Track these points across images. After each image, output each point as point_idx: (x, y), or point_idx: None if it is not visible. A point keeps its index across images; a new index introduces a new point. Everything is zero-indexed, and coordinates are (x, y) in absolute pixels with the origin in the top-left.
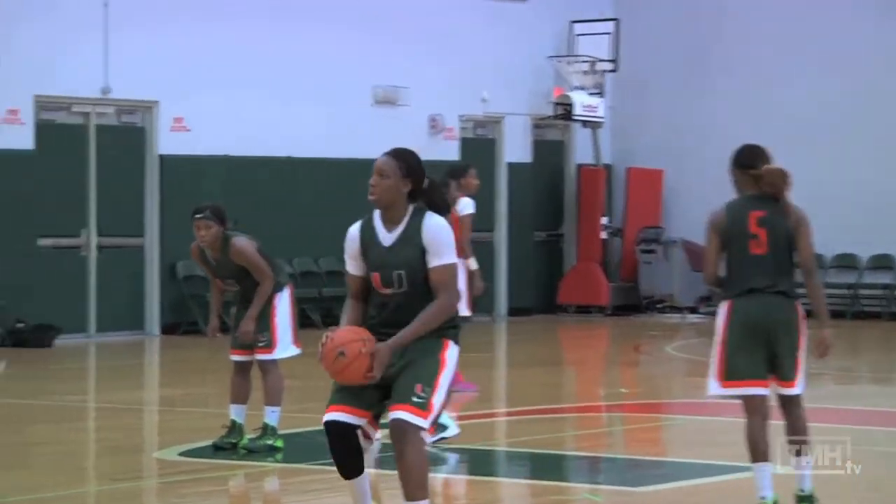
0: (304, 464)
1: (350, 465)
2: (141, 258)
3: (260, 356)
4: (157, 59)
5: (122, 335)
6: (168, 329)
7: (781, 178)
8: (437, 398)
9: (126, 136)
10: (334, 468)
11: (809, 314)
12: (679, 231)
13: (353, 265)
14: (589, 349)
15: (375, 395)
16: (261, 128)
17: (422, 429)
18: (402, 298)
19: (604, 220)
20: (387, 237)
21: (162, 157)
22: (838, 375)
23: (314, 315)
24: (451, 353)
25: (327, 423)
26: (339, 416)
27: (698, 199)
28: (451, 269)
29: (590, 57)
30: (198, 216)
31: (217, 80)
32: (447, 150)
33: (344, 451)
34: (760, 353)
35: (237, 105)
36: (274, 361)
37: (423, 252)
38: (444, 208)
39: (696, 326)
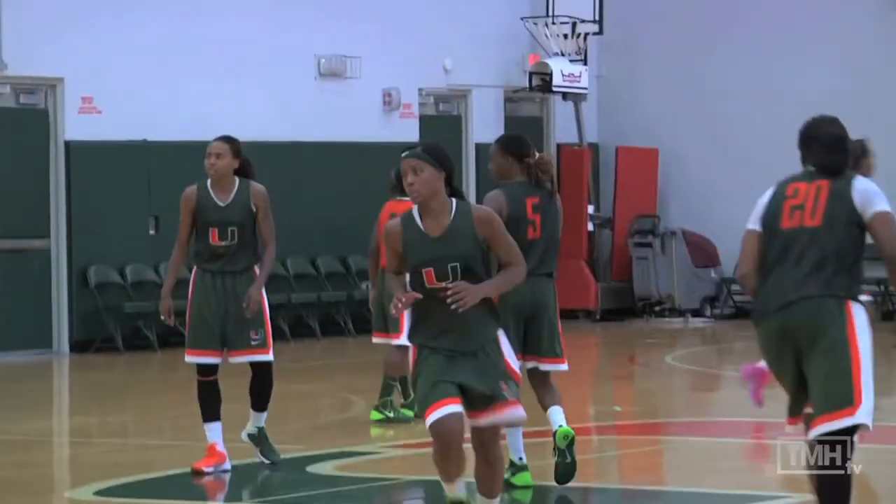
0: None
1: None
2: (47, 263)
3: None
4: (60, 31)
5: (26, 354)
6: (79, 346)
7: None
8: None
9: (26, 120)
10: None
11: None
12: (678, 220)
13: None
14: (576, 360)
15: None
16: (184, 107)
17: None
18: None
19: (590, 210)
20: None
21: (68, 144)
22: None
23: None
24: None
25: None
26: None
27: (700, 182)
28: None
29: (570, 17)
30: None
31: (132, 55)
32: (405, 130)
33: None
34: None
35: (155, 83)
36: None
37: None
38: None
39: (700, 332)
